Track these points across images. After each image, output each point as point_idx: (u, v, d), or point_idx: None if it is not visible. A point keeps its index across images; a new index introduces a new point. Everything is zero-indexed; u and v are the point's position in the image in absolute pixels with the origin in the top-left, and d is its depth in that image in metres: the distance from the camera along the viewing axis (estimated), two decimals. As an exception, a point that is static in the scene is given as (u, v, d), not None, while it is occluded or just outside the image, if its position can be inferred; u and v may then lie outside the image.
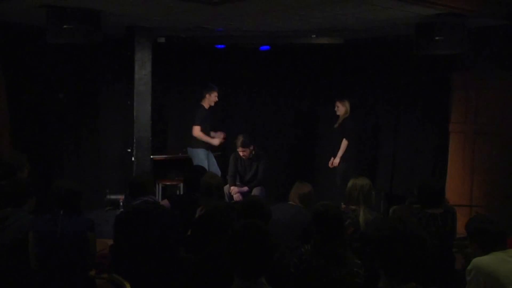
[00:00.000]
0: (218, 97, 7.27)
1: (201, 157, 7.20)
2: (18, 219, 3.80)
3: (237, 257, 2.37)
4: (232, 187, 6.75)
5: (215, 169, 7.21)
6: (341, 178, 6.88)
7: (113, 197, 7.56)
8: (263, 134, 8.06)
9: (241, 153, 6.73)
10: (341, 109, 7.10)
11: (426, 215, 4.16)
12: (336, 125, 7.15)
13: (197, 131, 7.16)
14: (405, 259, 2.14)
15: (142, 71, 6.58)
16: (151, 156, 6.93)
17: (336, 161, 7.06)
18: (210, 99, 7.23)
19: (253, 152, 6.83)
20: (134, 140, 6.62)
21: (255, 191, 6.72)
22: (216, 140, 7.31)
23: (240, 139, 6.69)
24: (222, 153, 7.83)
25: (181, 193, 7.40)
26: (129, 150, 6.70)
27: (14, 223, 3.78)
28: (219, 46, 7.57)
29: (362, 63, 7.72)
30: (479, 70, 6.36)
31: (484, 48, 6.15)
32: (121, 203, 7.26)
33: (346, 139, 7.01)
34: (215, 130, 7.47)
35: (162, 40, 7.11)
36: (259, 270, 2.36)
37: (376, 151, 7.69)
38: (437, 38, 5.31)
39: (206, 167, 6.87)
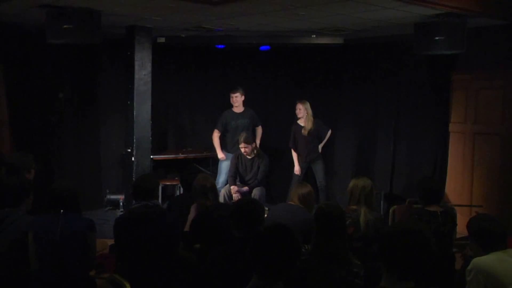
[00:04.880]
0: (238, 98, 7.36)
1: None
2: (16, 219, 3.79)
3: (263, 256, 2.38)
4: (232, 187, 6.78)
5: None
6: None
7: (113, 197, 7.58)
8: (263, 134, 8.03)
9: (243, 149, 6.81)
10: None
11: (426, 212, 4.17)
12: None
13: (213, 135, 7.42)
14: (408, 257, 2.14)
15: (142, 71, 6.58)
16: (151, 156, 6.94)
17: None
18: (231, 101, 7.41)
19: (255, 151, 6.88)
20: (134, 140, 6.62)
21: (255, 191, 6.75)
22: (219, 154, 7.43)
23: (243, 135, 6.81)
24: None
25: (181, 193, 7.42)
26: (129, 150, 6.71)
27: (12, 223, 3.77)
28: (219, 46, 7.58)
29: (362, 63, 7.72)
30: (479, 70, 6.35)
31: (484, 48, 6.14)
32: (121, 203, 7.27)
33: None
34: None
35: (162, 40, 7.13)
36: (282, 272, 2.39)
37: (376, 151, 7.69)
38: (437, 38, 5.31)
39: (220, 169, 7.37)
